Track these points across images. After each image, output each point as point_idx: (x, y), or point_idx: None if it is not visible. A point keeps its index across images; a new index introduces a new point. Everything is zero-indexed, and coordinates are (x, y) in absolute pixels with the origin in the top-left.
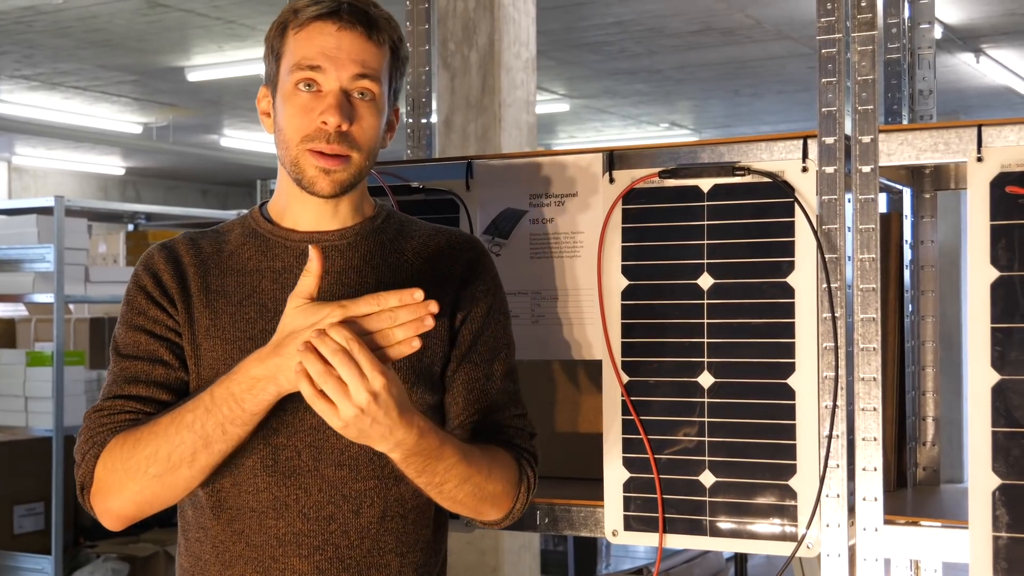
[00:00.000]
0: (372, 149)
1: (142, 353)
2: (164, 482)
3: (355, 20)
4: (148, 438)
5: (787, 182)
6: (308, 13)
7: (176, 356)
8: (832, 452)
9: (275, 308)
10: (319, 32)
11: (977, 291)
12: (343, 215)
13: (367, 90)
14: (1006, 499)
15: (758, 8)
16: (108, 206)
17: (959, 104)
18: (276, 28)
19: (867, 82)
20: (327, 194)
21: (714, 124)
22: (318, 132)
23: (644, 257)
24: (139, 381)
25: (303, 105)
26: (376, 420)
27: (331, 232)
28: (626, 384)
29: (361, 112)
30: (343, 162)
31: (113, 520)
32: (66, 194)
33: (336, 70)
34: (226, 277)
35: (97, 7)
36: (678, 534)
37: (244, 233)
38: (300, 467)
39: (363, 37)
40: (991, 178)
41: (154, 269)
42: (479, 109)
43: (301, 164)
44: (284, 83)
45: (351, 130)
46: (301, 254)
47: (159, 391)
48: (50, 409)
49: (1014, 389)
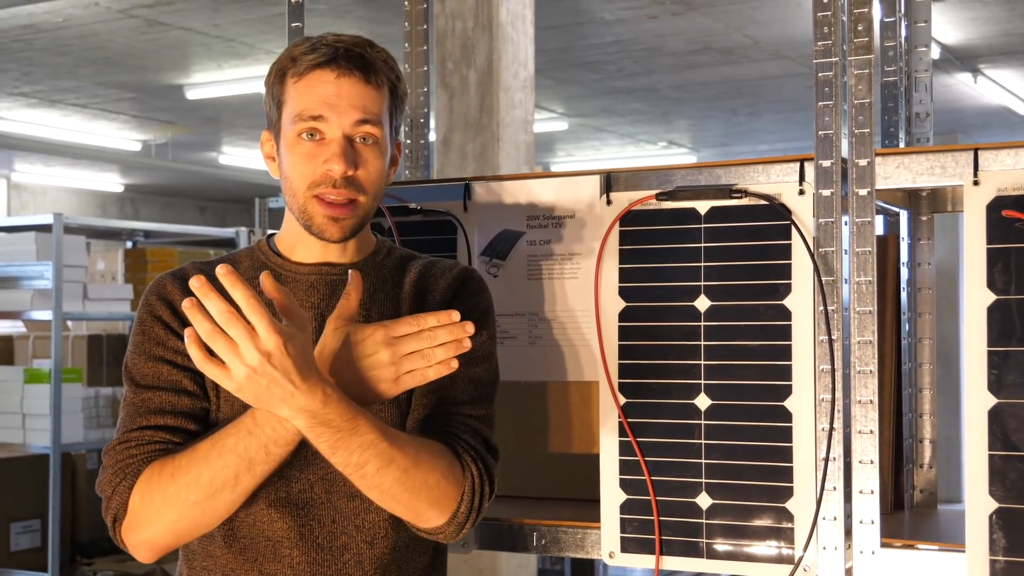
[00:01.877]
0: (378, 191)
1: (165, 383)
2: (204, 508)
3: (353, 66)
4: (188, 465)
5: (784, 205)
6: (306, 62)
7: (199, 385)
8: (829, 475)
9: None
10: (318, 81)
11: (974, 314)
12: (350, 252)
13: (369, 135)
14: (1003, 523)
15: (756, 28)
16: (106, 223)
17: (957, 124)
18: (275, 75)
19: (863, 105)
20: (336, 240)
21: (712, 143)
22: (324, 178)
23: (641, 279)
24: (165, 412)
25: (307, 153)
26: (273, 382)
27: (338, 266)
28: (623, 406)
29: (365, 156)
30: (351, 209)
31: (148, 552)
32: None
33: (338, 118)
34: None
35: (97, 25)
36: (675, 556)
37: (254, 265)
38: (313, 499)
39: (362, 82)
40: (987, 201)
41: (168, 298)
42: (477, 128)
43: (309, 212)
44: (287, 132)
45: (356, 175)
46: (310, 287)
47: (187, 421)
48: (47, 426)
49: (1011, 412)
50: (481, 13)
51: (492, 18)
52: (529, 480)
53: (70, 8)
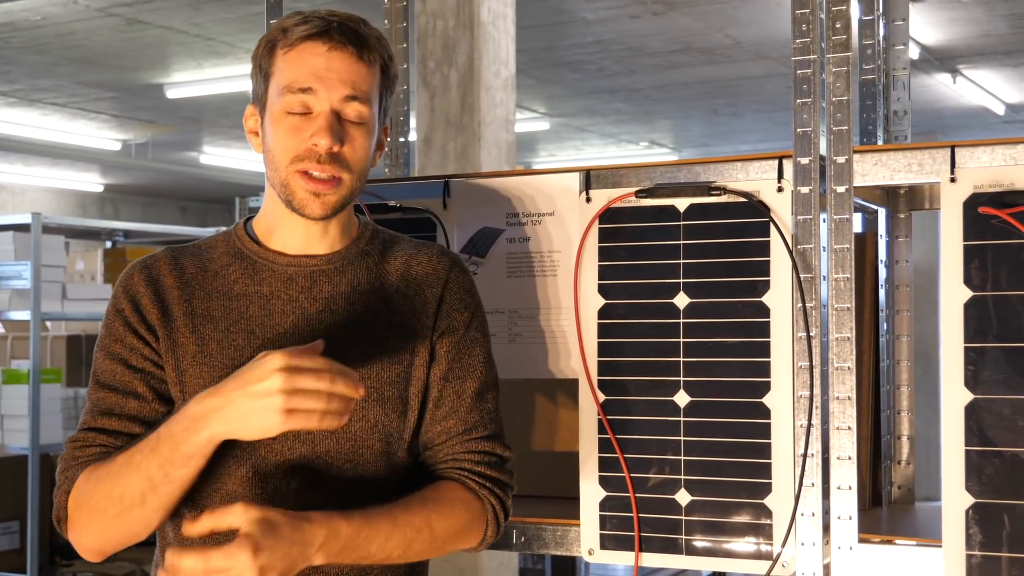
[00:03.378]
0: (363, 170)
1: (117, 384)
2: (124, 521)
3: (346, 40)
4: (105, 478)
5: (762, 202)
6: (298, 33)
7: (151, 388)
8: (807, 471)
9: (263, 335)
10: (309, 53)
11: (950, 311)
12: (332, 237)
13: (358, 112)
14: (979, 518)
15: (737, 28)
16: (86, 223)
17: (936, 124)
18: (264, 47)
19: (842, 103)
20: (317, 216)
21: (693, 143)
22: (308, 152)
23: (621, 276)
24: (112, 414)
25: (293, 126)
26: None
27: (319, 257)
28: (602, 403)
29: (352, 133)
30: (334, 185)
31: (88, 554)
32: (44, 211)
33: (327, 91)
34: (212, 300)
35: (75, 24)
36: (654, 553)
37: (229, 252)
38: (289, 496)
39: (354, 57)
40: (964, 198)
41: (132, 292)
42: (458, 127)
43: (291, 186)
44: (274, 104)
45: (342, 151)
46: (288, 279)
47: (131, 424)
48: (26, 427)
49: (987, 408)
50: (462, 12)
51: (473, 17)
52: None
53: (48, 6)
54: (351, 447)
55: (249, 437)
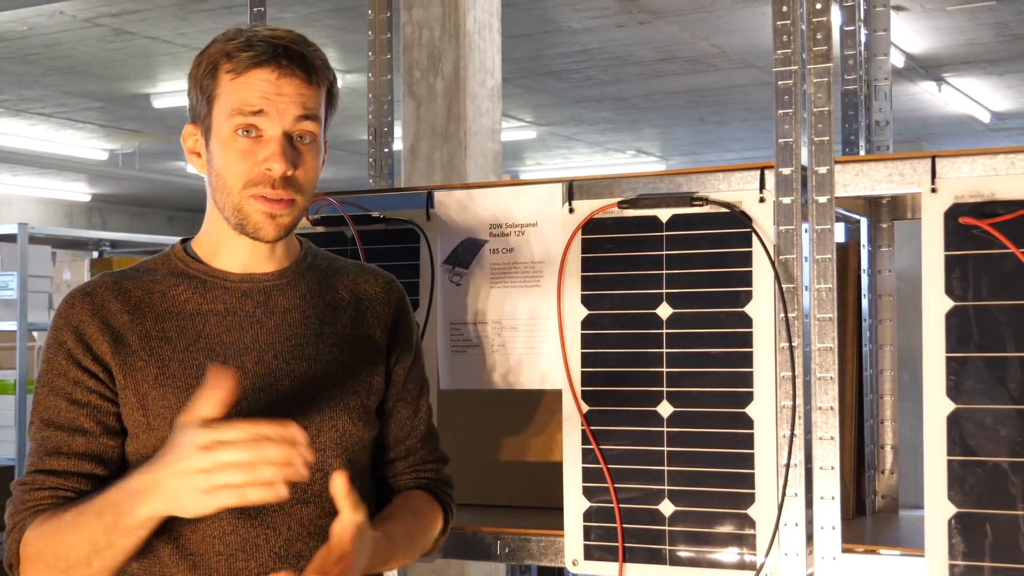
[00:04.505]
0: (312, 190)
1: (62, 421)
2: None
3: (294, 66)
4: (53, 533)
5: (744, 212)
6: (245, 60)
7: (97, 422)
8: (790, 481)
9: (223, 352)
10: (258, 78)
11: (932, 321)
12: (279, 256)
13: (308, 133)
14: (962, 527)
15: (723, 37)
16: (72, 233)
17: (922, 132)
18: (206, 67)
19: (823, 114)
20: (271, 239)
21: (680, 151)
22: (262, 177)
23: (603, 287)
24: (60, 453)
25: (244, 150)
26: None
27: (270, 273)
28: (586, 413)
29: (304, 155)
30: (288, 206)
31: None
32: (31, 220)
33: (278, 115)
34: (165, 322)
35: (62, 34)
36: (638, 563)
37: (173, 273)
38: (267, 507)
39: (303, 82)
40: (945, 209)
41: (75, 323)
42: (444, 137)
43: (246, 210)
44: (221, 127)
45: (295, 175)
46: (243, 295)
47: (80, 462)
48: (13, 438)
49: (969, 418)
50: (448, 22)
51: (459, 27)
52: (493, 488)
53: (35, 17)
54: (321, 458)
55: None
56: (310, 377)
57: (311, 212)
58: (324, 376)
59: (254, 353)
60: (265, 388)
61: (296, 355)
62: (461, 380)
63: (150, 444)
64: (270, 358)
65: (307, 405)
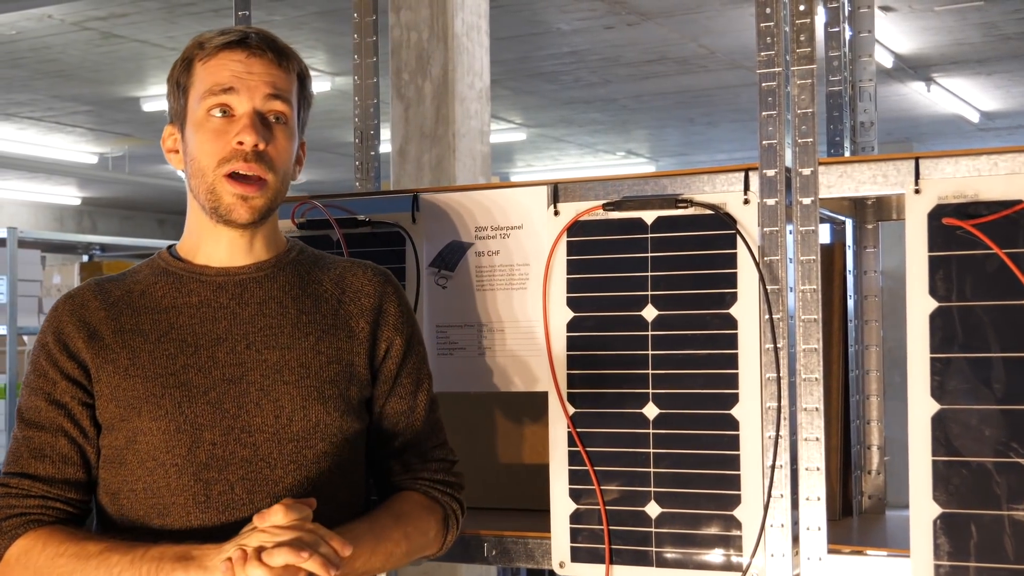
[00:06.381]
0: (286, 173)
1: (44, 422)
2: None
3: (264, 47)
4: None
5: (729, 214)
6: (215, 43)
7: (74, 423)
8: (776, 482)
9: (195, 343)
10: (228, 59)
11: (916, 321)
12: (257, 250)
13: (280, 112)
14: (947, 527)
15: (711, 38)
16: (62, 237)
17: (911, 132)
18: (181, 64)
19: (807, 115)
20: (244, 221)
21: (670, 152)
22: (234, 153)
23: (589, 289)
24: (44, 456)
25: (217, 129)
26: None
27: (247, 266)
28: (572, 415)
29: (275, 133)
30: (260, 187)
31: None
32: (21, 224)
33: (248, 92)
34: (140, 316)
35: (51, 38)
36: (625, 565)
37: (154, 273)
38: (234, 501)
39: (273, 63)
40: (929, 210)
41: (57, 325)
42: (433, 139)
43: (218, 191)
44: (195, 112)
45: (267, 150)
46: (218, 287)
47: (65, 467)
48: (3, 442)
49: (953, 418)
50: (436, 24)
51: (447, 29)
52: (480, 491)
53: (23, 21)
54: (294, 448)
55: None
56: (283, 366)
57: (297, 215)
58: (299, 366)
59: (226, 343)
60: (237, 378)
61: (269, 344)
62: (447, 383)
63: (122, 437)
64: (242, 348)
65: (278, 393)
